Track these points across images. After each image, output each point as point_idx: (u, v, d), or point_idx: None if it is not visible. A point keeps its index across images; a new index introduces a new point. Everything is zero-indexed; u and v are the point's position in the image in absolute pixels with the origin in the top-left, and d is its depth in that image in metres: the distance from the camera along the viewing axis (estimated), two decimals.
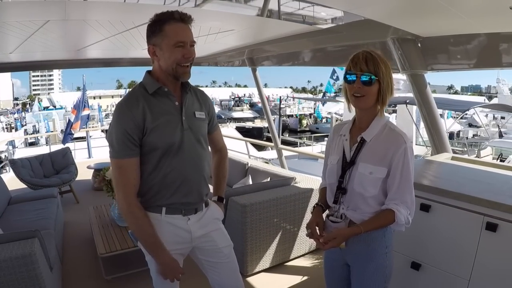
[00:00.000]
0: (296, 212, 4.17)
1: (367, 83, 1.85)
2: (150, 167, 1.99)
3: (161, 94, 2.03)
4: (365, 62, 1.84)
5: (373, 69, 1.83)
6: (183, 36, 1.93)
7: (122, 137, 1.91)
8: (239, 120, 46.46)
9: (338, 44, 4.97)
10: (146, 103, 1.97)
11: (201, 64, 8.20)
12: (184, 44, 1.94)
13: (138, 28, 4.01)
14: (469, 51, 3.77)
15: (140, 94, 2.01)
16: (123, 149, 1.92)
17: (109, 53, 6.74)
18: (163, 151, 1.97)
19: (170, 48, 1.92)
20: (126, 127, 1.91)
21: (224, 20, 3.97)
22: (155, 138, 1.95)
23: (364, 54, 1.87)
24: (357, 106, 1.95)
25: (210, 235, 2.20)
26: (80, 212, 6.04)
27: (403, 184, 1.88)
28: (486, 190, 2.71)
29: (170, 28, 1.92)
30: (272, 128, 8.05)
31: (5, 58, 6.20)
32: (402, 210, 1.87)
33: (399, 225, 1.90)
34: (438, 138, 4.28)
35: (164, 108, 2.01)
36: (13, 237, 2.97)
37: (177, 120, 2.03)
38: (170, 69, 1.97)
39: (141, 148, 1.97)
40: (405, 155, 1.87)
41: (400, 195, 1.88)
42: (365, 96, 1.87)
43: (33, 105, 53.82)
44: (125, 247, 3.87)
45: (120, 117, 1.94)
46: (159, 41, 1.95)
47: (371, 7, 3.19)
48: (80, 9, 3.43)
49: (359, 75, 1.85)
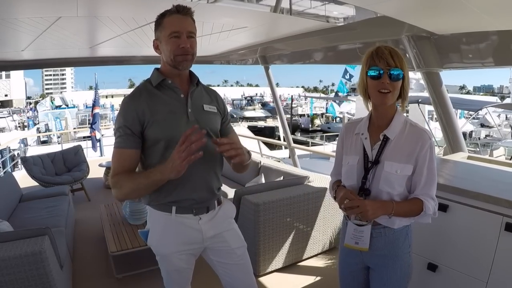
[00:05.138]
0: (309, 212, 4.12)
1: (396, 79, 1.80)
2: (155, 161, 1.95)
3: (165, 87, 2.02)
4: (391, 56, 1.79)
5: (399, 64, 1.79)
6: (177, 26, 1.92)
7: (121, 130, 1.93)
8: (251, 119, 46.45)
9: (351, 41, 4.92)
10: (149, 95, 1.98)
11: (213, 62, 8.20)
12: (180, 34, 1.92)
13: (150, 25, 3.99)
14: (484, 49, 3.72)
15: (144, 87, 2.02)
16: (122, 140, 1.92)
17: (121, 51, 6.78)
18: (166, 144, 1.93)
19: (166, 39, 1.94)
20: (127, 118, 1.93)
21: (237, 16, 3.95)
22: (156, 130, 1.94)
23: (388, 48, 1.82)
24: (383, 102, 1.87)
25: (223, 236, 2.15)
26: (91, 210, 6.06)
27: (430, 179, 1.86)
28: (505, 190, 2.64)
29: (167, 20, 1.95)
30: (285, 126, 8.02)
31: (18, 55, 6.26)
32: (430, 201, 1.86)
33: (427, 216, 1.88)
34: (454, 137, 4.21)
35: (167, 100, 2.00)
36: (23, 235, 2.97)
37: (181, 112, 2.00)
38: (170, 60, 1.97)
39: (145, 141, 1.96)
40: (430, 151, 1.86)
41: (427, 190, 1.86)
42: (392, 92, 1.82)
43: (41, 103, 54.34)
44: (136, 245, 3.85)
45: (122, 109, 1.96)
46: (159, 34, 1.98)
47: (385, 3, 3.14)
48: (91, 5, 3.43)
49: (387, 70, 1.79)
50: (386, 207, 1.84)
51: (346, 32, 4.41)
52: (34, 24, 3.90)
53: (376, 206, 1.83)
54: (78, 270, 4.12)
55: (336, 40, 4.95)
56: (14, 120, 42.51)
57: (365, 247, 1.93)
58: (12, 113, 49.72)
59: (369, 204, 1.81)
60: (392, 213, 1.83)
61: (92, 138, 11.60)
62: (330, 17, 3.63)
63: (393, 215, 1.84)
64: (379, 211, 1.84)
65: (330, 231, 4.36)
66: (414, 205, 1.86)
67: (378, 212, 1.84)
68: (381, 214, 1.85)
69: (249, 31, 4.76)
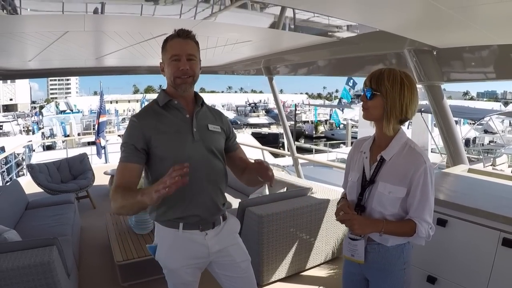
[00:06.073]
0: (312, 222, 4.17)
1: (369, 97, 1.93)
2: (160, 177, 2.01)
3: (171, 107, 2.11)
4: (370, 78, 1.94)
5: (375, 86, 1.91)
6: (177, 49, 2.02)
7: (126, 146, 2.01)
8: (255, 126, 46.35)
9: (354, 54, 4.99)
10: (156, 115, 2.08)
11: (218, 72, 8.26)
12: (179, 57, 2.02)
13: (156, 39, 4.06)
14: (485, 62, 3.77)
15: (151, 108, 2.13)
16: (126, 155, 2.00)
17: (126, 62, 6.83)
18: (172, 162, 1.98)
19: (168, 62, 2.05)
20: (132, 136, 2.02)
21: (241, 32, 4.01)
22: (163, 148, 2.02)
23: (374, 72, 1.95)
24: (363, 117, 2.02)
25: (228, 250, 2.22)
26: (96, 218, 6.12)
27: (423, 202, 1.89)
28: (503, 205, 2.71)
29: (169, 44, 2.06)
30: (288, 136, 8.05)
31: (24, 65, 6.32)
32: (423, 224, 1.89)
33: (420, 238, 1.92)
34: (455, 149, 4.26)
35: (173, 120, 2.09)
36: (32, 244, 3.03)
37: (187, 132, 2.09)
38: (170, 82, 2.08)
39: (151, 158, 2.04)
40: (424, 175, 1.88)
41: (420, 213, 1.90)
42: (368, 109, 1.96)
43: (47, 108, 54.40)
44: (142, 255, 3.89)
45: (129, 128, 2.06)
46: (163, 57, 2.09)
47: (386, 20, 3.20)
48: (98, 22, 3.50)
49: (365, 89, 1.95)
50: (376, 225, 1.92)
51: (348, 46, 4.46)
52: (41, 37, 3.96)
53: (364, 222, 1.94)
54: (84, 278, 4.17)
55: (339, 52, 5.00)
56: (19, 124, 42.66)
57: (360, 259, 2.02)
58: (17, 117, 49.91)
59: (357, 220, 1.93)
60: (382, 231, 1.91)
61: (97, 145, 11.64)
62: (333, 26, 3.67)
63: (383, 233, 1.91)
64: (367, 228, 1.94)
65: (332, 241, 4.40)
66: (406, 227, 1.91)
67: (366, 228, 1.94)
68: (369, 231, 1.95)
69: (253, 44, 4.83)
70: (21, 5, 2.77)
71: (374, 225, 1.94)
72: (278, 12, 3.31)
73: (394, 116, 1.91)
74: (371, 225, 1.94)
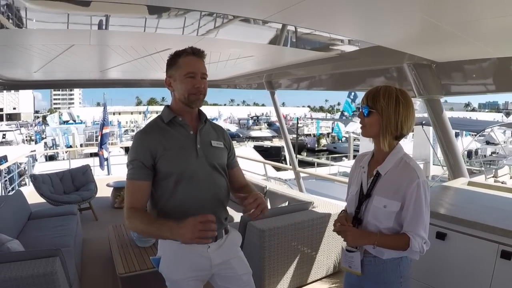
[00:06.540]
0: (314, 237, 4.19)
1: (365, 115, 1.99)
2: (166, 193, 2.07)
3: (176, 124, 2.16)
4: (366, 96, 1.99)
5: (371, 103, 1.96)
6: (193, 67, 2.08)
7: (134, 162, 2.05)
8: (257, 139, 46.37)
9: (355, 69, 5.05)
10: (161, 131, 2.12)
11: (221, 86, 8.33)
12: (195, 75, 2.07)
13: (160, 53, 4.12)
14: (484, 75, 3.81)
15: (156, 124, 2.17)
16: (135, 172, 2.04)
17: (130, 75, 6.90)
18: (177, 178, 2.06)
19: (182, 78, 2.08)
20: (139, 153, 2.05)
21: (244, 47, 4.08)
22: (167, 164, 2.06)
23: (371, 89, 2.00)
24: (362, 134, 2.08)
25: (230, 263, 2.25)
26: (98, 230, 6.12)
27: (416, 217, 1.91)
28: (502, 217, 2.74)
29: (183, 60, 2.09)
30: (290, 150, 8.07)
31: (29, 76, 6.42)
32: (417, 238, 1.90)
33: (413, 252, 1.94)
34: (455, 162, 4.29)
35: (178, 136, 2.13)
36: (35, 255, 3.06)
37: (191, 148, 2.13)
38: (183, 98, 2.11)
39: (156, 174, 2.08)
40: (417, 189, 1.90)
41: (413, 227, 1.91)
42: (365, 126, 2.01)
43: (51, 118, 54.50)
44: (144, 268, 3.89)
45: (136, 144, 2.09)
46: (173, 73, 2.12)
47: (386, 37, 3.26)
48: (104, 37, 3.56)
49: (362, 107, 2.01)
50: (369, 238, 1.97)
51: (349, 61, 4.51)
52: (47, 50, 4.04)
53: (358, 235, 2.00)
54: None
55: (340, 67, 5.07)
56: (22, 133, 42.70)
57: (357, 271, 2.06)
58: (20, 126, 49.97)
59: (351, 232, 1.99)
60: (375, 244, 1.94)
61: (100, 157, 11.67)
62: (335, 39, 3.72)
63: (376, 245, 1.95)
64: (361, 240, 2.00)
65: (334, 255, 4.41)
66: (400, 240, 1.93)
67: (359, 241, 2.00)
68: (362, 243, 2.01)
69: (255, 59, 4.89)
70: (27, 16, 2.82)
71: (367, 237, 1.98)
72: (280, 26, 3.37)
73: (390, 133, 1.95)
74: (364, 237, 1.99)
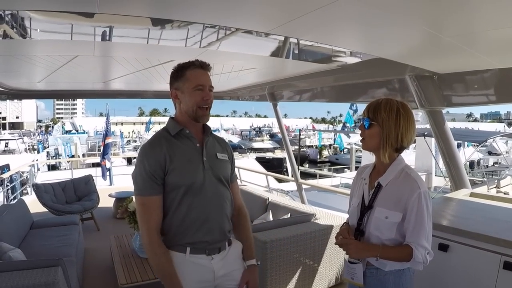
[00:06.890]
0: (316, 248, 4.18)
1: (366, 127, 2.00)
2: (173, 206, 2.07)
3: (183, 136, 2.15)
4: (368, 109, 2.01)
5: (372, 115, 1.98)
6: (202, 80, 2.09)
7: (145, 176, 2.03)
8: (259, 151, 46.39)
9: (357, 81, 5.07)
10: (168, 144, 2.10)
11: (223, 98, 8.37)
12: (203, 88, 2.08)
13: (164, 65, 4.15)
14: (486, 86, 3.83)
15: (163, 136, 2.15)
16: (146, 187, 2.03)
17: (133, 86, 6.94)
18: (185, 190, 2.06)
19: (190, 91, 2.08)
20: (148, 166, 2.03)
21: (246, 59, 4.12)
22: (176, 177, 2.05)
23: (372, 102, 2.01)
24: (362, 147, 2.10)
25: (232, 274, 2.25)
26: (100, 240, 6.12)
27: (418, 227, 1.90)
28: (504, 228, 2.74)
29: (191, 73, 2.09)
30: (292, 162, 8.08)
31: (33, 86, 6.46)
32: (420, 249, 1.90)
33: (417, 263, 1.93)
34: (457, 173, 4.29)
35: (185, 149, 2.13)
36: (37, 264, 3.05)
37: (198, 161, 2.13)
38: (191, 111, 2.10)
39: (164, 186, 2.07)
40: (419, 200, 1.90)
41: (415, 238, 1.91)
42: (365, 139, 2.03)
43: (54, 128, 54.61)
44: (146, 278, 3.88)
45: (144, 157, 2.07)
46: (180, 85, 2.11)
47: (387, 49, 3.28)
48: (107, 48, 3.59)
49: (362, 120, 2.03)
50: (372, 250, 1.96)
51: (351, 73, 4.55)
52: (51, 60, 4.07)
53: (360, 247, 1.99)
54: None
55: (342, 79, 5.09)
56: (24, 142, 42.77)
57: (359, 282, 2.04)
58: (22, 135, 50.06)
59: (354, 244, 1.99)
60: (378, 256, 1.94)
61: (102, 167, 11.69)
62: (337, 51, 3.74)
63: (379, 257, 1.94)
64: (363, 252, 1.99)
65: (336, 267, 4.39)
66: (403, 252, 1.92)
67: (361, 253, 1.99)
68: (365, 255, 2.00)
69: (258, 71, 4.92)
70: (31, 26, 2.84)
71: (370, 250, 1.97)
72: (282, 38, 3.40)
73: (390, 145, 1.96)
74: (367, 250, 1.98)
